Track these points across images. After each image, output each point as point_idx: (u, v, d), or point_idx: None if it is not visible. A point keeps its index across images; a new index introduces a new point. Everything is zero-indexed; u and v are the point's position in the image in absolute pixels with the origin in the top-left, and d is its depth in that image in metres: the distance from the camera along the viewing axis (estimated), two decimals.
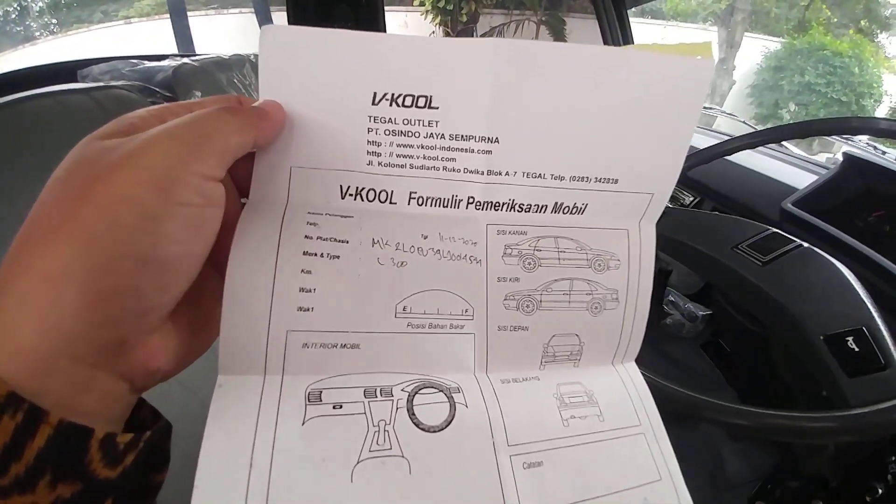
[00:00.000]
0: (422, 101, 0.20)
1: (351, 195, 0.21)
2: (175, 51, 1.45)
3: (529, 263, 0.24)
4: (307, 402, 0.18)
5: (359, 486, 0.17)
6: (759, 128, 0.83)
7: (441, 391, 0.21)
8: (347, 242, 0.21)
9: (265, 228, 0.20)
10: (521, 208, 0.23)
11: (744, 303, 0.50)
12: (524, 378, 0.24)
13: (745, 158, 0.90)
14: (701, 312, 0.80)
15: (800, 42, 5.77)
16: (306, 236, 0.20)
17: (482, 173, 0.22)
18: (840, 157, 0.79)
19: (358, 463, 0.17)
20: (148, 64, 0.97)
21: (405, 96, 0.20)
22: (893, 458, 0.57)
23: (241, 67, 1.15)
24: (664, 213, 0.25)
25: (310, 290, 0.19)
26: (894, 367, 0.38)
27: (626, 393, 0.24)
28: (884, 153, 0.76)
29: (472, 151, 0.22)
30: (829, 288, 0.44)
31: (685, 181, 0.88)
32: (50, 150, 0.51)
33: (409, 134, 0.21)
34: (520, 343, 0.24)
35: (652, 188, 0.24)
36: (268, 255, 0.19)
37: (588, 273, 0.24)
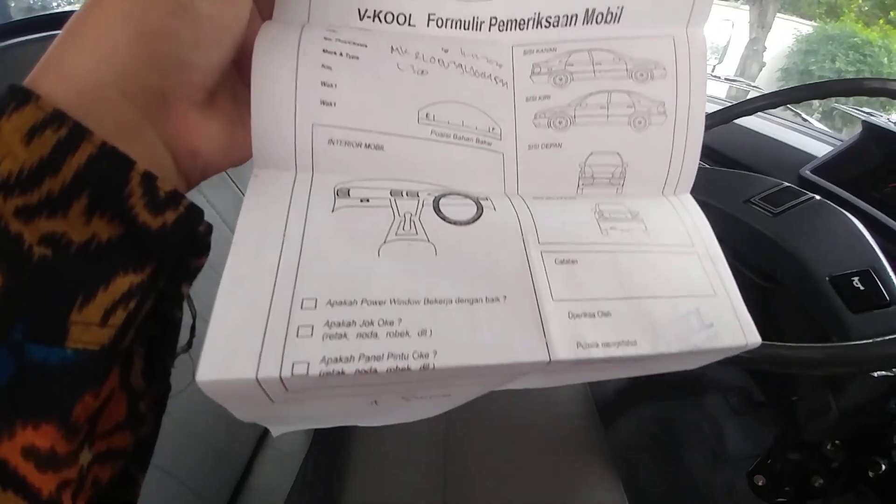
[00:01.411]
0: None
1: (369, 17, 0.21)
2: None
3: (560, 79, 0.22)
4: (336, 196, 0.19)
5: (385, 261, 0.17)
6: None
7: (468, 198, 0.20)
8: (366, 46, 0.20)
9: (287, 31, 0.20)
10: (549, 22, 0.21)
11: (754, 255, 0.51)
12: (559, 197, 0.22)
13: (762, 127, 0.89)
14: None
15: (831, 27, 5.58)
16: (325, 38, 0.20)
17: None
18: None
19: (385, 243, 0.18)
20: None
21: None
22: None
23: None
24: None
25: (331, 85, 0.19)
26: None
27: (677, 217, 0.22)
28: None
29: None
30: (838, 235, 0.45)
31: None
32: None
33: None
34: (553, 160, 0.22)
35: None
36: (289, 49, 0.19)
37: (628, 84, 0.22)
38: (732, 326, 0.19)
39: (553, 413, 0.71)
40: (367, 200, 0.19)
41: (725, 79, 1.36)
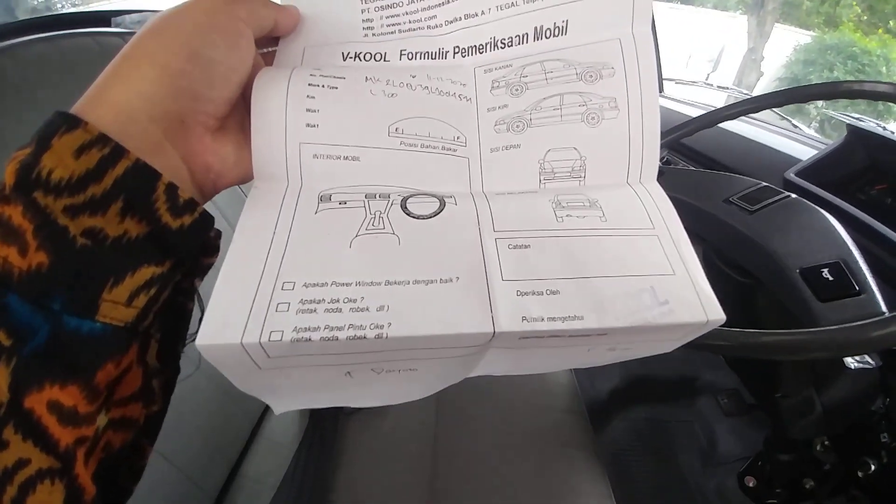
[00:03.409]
0: None
1: (350, 58, 0.25)
2: None
3: (516, 90, 0.24)
4: (319, 201, 0.22)
5: (355, 251, 0.20)
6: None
7: (434, 196, 0.23)
8: (344, 78, 0.24)
9: (280, 72, 0.24)
10: (504, 44, 0.25)
11: (732, 251, 0.52)
12: (521, 192, 0.24)
13: (748, 130, 0.91)
14: None
15: (830, 37, 5.61)
16: (311, 75, 0.24)
17: (461, 19, 0.24)
18: None
19: (356, 237, 0.21)
20: None
21: None
22: (885, 435, 0.59)
23: None
24: (661, 172, 0.23)
25: (314, 111, 0.23)
26: (869, 293, 0.39)
27: (639, 203, 0.23)
28: (885, 128, 0.77)
29: (448, 2, 0.24)
30: (811, 230, 0.46)
31: (686, 151, 0.89)
32: (85, 82, 0.55)
33: (395, 5, 0.25)
34: (513, 160, 0.24)
35: None
36: (281, 85, 0.23)
37: (579, 86, 0.23)
38: (691, 303, 0.19)
39: (541, 408, 0.73)
40: (345, 203, 0.22)
41: (718, 87, 1.38)
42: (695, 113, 0.74)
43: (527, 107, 0.24)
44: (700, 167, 0.88)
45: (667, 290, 0.20)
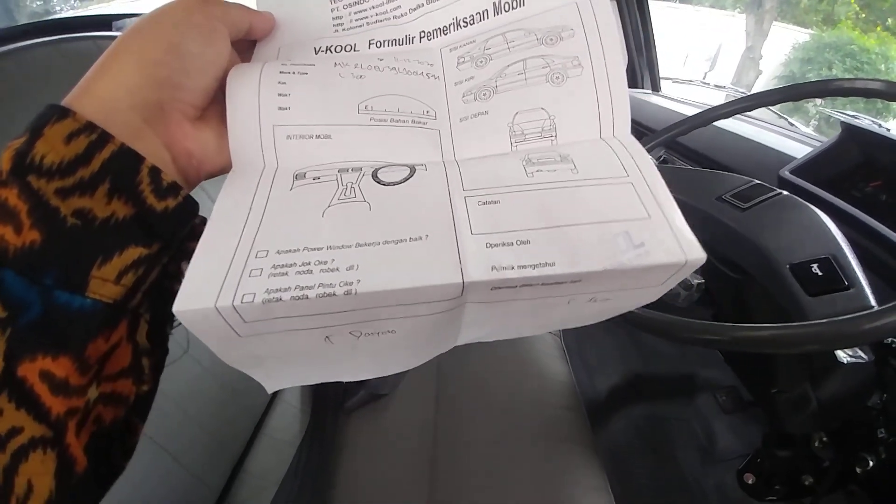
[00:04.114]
0: None
1: (322, 51, 0.26)
2: None
3: (481, 62, 0.25)
4: (294, 178, 0.23)
5: (328, 220, 0.21)
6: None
7: (406, 165, 0.23)
8: (314, 65, 0.25)
9: (254, 66, 0.25)
10: (466, 22, 0.26)
11: (725, 248, 0.53)
12: (492, 155, 0.24)
13: (743, 129, 0.91)
14: (696, 281, 0.82)
15: (828, 35, 5.61)
16: (282, 64, 0.25)
17: (423, 5, 0.26)
18: None
19: (328, 207, 0.21)
20: None
21: None
22: (882, 431, 0.59)
23: None
24: None
25: (286, 95, 0.24)
26: (858, 287, 0.39)
27: (612, 153, 0.22)
28: (880, 125, 0.77)
29: None
30: (801, 227, 0.47)
31: (681, 149, 0.89)
32: None
33: (362, 1, 0.26)
34: (482, 126, 0.24)
35: None
36: (254, 74, 0.24)
37: (540, 49, 0.24)
38: (669, 244, 0.19)
39: (539, 405, 0.73)
40: (318, 178, 0.23)
41: (715, 86, 1.39)
42: (692, 112, 0.74)
43: (492, 75, 0.25)
44: (696, 165, 0.89)
45: (642, 233, 0.19)
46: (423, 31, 0.26)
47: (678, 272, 0.19)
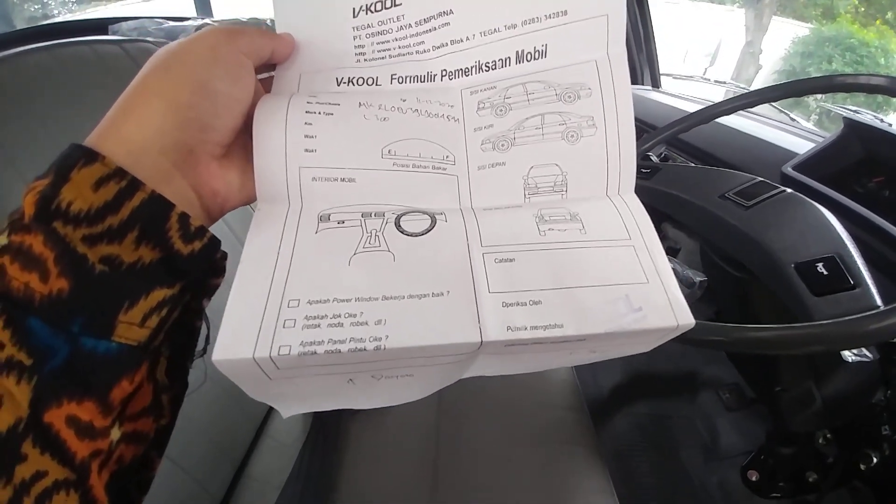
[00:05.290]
0: (388, 2, 0.25)
1: (344, 83, 0.26)
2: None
3: (501, 110, 0.26)
4: (319, 221, 0.23)
5: (354, 268, 0.22)
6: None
7: (426, 213, 0.24)
8: (339, 105, 0.25)
9: (279, 100, 0.25)
10: (488, 66, 0.26)
11: (728, 246, 0.52)
12: (507, 206, 0.25)
13: (745, 125, 0.91)
14: (698, 278, 0.82)
15: (828, 29, 5.59)
16: (307, 102, 0.25)
17: (447, 45, 0.26)
18: None
19: (354, 255, 0.22)
20: (172, 23, 1.02)
21: (375, 3, 0.25)
22: (886, 427, 0.59)
23: None
24: (658, 169, 0.25)
25: (312, 136, 0.24)
26: (864, 287, 0.39)
27: (617, 214, 0.24)
28: (882, 120, 0.76)
29: (435, 29, 0.25)
30: (806, 225, 0.47)
31: (684, 147, 0.89)
32: (83, 90, 0.55)
33: (385, 32, 0.26)
34: (499, 177, 0.25)
35: (603, 9, 0.24)
36: (280, 113, 0.24)
37: (558, 106, 0.25)
38: (663, 310, 0.21)
39: (542, 405, 0.73)
40: (343, 222, 0.23)
41: (715, 81, 1.38)
42: (692, 108, 0.74)
43: (511, 126, 0.25)
44: (698, 163, 0.88)
45: (641, 297, 0.21)
46: (445, 70, 0.26)
47: (669, 335, 0.22)
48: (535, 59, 0.25)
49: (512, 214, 0.25)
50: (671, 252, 0.83)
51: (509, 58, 0.26)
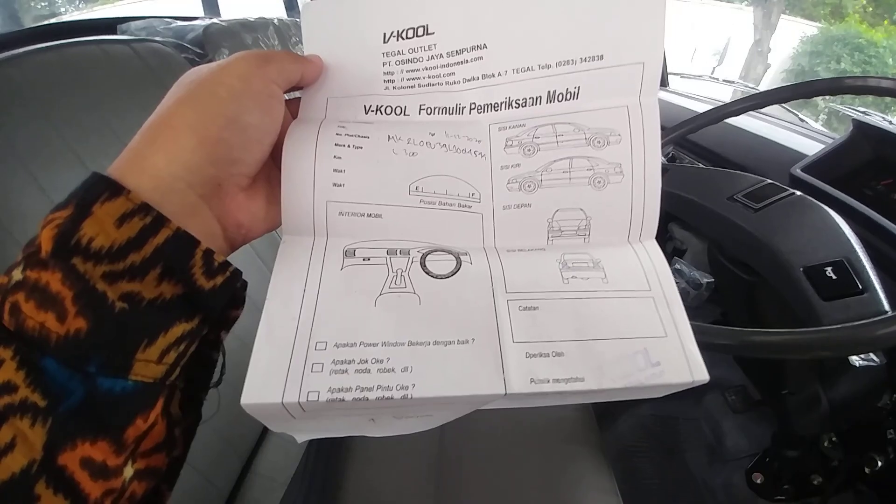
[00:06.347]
0: (420, 31, 0.25)
1: (372, 111, 0.26)
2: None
3: (529, 150, 0.25)
4: (344, 256, 0.23)
5: (380, 310, 0.22)
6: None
7: (451, 253, 0.24)
8: (368, 138, 0.25)
9: (308, 130, 0.25)
10: (518, 104, 0.26)
11: (736, 249, 0.52)
12: (530, 248, 0.25)
13: (753, 125, 0.90)
14: (705, 280, 0.81)
15: (836, 28, 5.54)
16: (337, 134, 0.25)
17: (478, 78, 0.25)
18: None
19: (380, 295, 0.22)
20: (180, 23, 1.02)
21: (407, 30, 0.25)
22: (892, 431, 0.59)
23: (265, 30, 1.18)
24: (666, 169, 0.25)
25: (341, 171, 0.24)
26: (872, 291, 0.39)
27: (638, 263, 0.24)
28: (891, 122, 0.76)
29: (467, 62, 0.25)
30: (815, 229, 0.46)
31: (692, 147, 0.88)
32: (92, 90, 0.55)
33: (415, 60, 0.25)
34: (524, 219, 0.25)
35: (640, 57, 0.24)
36: (310, 145, 0.24)
37: (587, 150, 0.25)
38: (680, 365, 0.21)
39: (547, 409, 0.73)
40: (368, 259, 0.23)
41: (724, 81, 1.37)
42: (700, 108, 0.73)
43: (538, 168, 0.25)
44: (706, 163, 0.88)
45: (659, 352, 0.21)
46: (475, 104, 0.26)
47: (682, 387, 0.22)
48: (566, 99, 0.25)
49: (536, 258, 0.25)
50: (677, 253, 0.83)
51: (541, 97, 0.25)
